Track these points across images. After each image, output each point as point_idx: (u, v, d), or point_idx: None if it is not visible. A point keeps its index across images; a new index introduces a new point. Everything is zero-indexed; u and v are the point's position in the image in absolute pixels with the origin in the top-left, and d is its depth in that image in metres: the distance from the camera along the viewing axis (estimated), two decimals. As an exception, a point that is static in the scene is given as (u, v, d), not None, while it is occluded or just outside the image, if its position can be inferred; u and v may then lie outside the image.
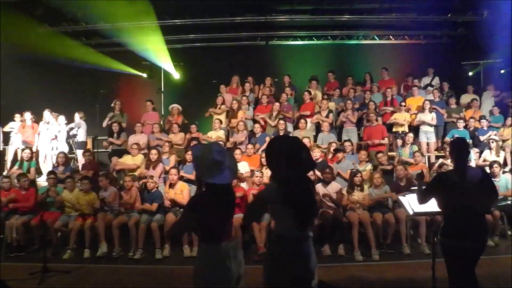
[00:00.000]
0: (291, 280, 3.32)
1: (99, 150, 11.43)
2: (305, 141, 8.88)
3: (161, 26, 12.76)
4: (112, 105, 10.95)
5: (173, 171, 7.83)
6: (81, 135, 10.90)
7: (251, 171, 8.38)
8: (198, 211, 3.37)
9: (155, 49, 12.87)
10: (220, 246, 3.37)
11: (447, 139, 9.97)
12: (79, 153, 10.72)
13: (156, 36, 12.69)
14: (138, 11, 12.24)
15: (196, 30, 13.49)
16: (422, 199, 4.34)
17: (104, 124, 10.70)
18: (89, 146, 11.24)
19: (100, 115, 11.41)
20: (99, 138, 11.53)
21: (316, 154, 8.52)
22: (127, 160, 9.04)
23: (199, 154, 3.42)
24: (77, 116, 10.83)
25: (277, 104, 10.52)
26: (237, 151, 8.69)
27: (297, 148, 3.39)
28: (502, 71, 12.58)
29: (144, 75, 13.27)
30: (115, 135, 10.05)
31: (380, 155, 8.94)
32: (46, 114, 10.76)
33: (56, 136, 10.71)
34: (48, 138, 10.66)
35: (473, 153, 9.26)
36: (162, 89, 13.02)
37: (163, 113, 11.94)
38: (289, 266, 3.32)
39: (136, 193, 7.75)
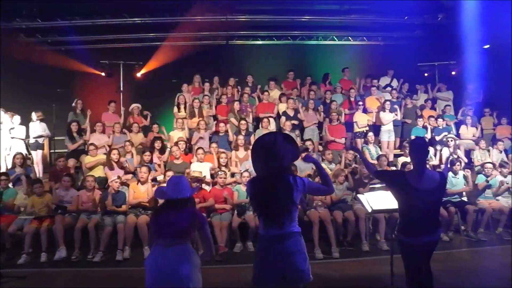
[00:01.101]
0: (275, 279, 3.34)
1: (56, 150, 11.12)
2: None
3: (120, 25, 12.56)
4: (73, 104, 10.66)
5: (144, 169, 7.73)
6: (37, 135, 10.54)
7: (216, 170, 8.35)
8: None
9: (114, 47, 12.66)
10: (156, 249, 3.48)
11: (412, 137, 10.26)
12: (34, 154, 10.38)
13: (115, 34, 12.51)
14: (97, 8, 12.07)
15: (156, 29, 13.33)
16: (374, 173, 4.48)
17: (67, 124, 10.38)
18: (46, 146, 10.92)
19: (57, 114, 11.09)
20: (56, 138, 11.22)
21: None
22: (89, 159, 8.85)
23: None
24: (34, 116, 10.46)
25: (236, 104, 10.51)
26: (200, 151, 8.64)
27: (267, 145, 3.41)
28: (453, 73, 13.01)
29: (103, 74, 13.02)
30: (75, 135, 9.81)
31: (344, 153, 9.08)
32: (1, 113, 10.37)
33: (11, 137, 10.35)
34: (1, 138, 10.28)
35: (431, 151, 9.54)
36: (121, 88, 12.80)
37: (122, 113, 11.74)
38: (273, 265, 3.33)
39: (99, 194, 7.59)
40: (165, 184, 4.26)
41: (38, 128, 10.38)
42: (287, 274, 3.35)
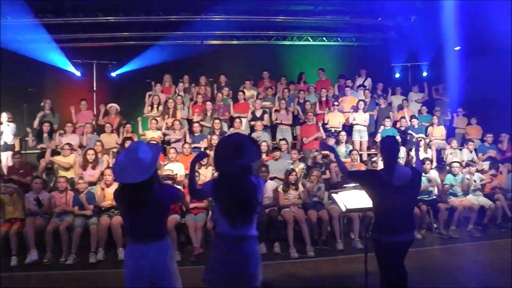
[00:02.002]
0: (224, 280, 3.32)
1: (27, 151, 10.87)
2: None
3: (94, 23, 12.38)
4: (42, 104, 10.47)
5: (108, 171, 7.57)
6: (7, 136, 10.31)
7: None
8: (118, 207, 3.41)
9: (87, 46, 12.46)
10: (132, 247, 3.35)
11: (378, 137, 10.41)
12: (3, 155, 10.13)
13: (88, 33, 12.32)
14: (69, 6, 11.87)
15: (130, 28, 13.19)
16: (347, 175, 4.46)
17: (35, 124, 10.21)
18: (17, 147, 10.67)
19: (28, 115, 10.85)
20: (27, 139, 10.96)
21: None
22: (61, 159, 8.68)
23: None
24: (4, 116, 10.20)
25: (209, 103, 10.46)
26: (172, 151, 8.57)
27: (232, 145, 3.40)
28: (424, 74, 13.23)
29: (76, 73, 12.79)
30: (46, 135, 9.62)
31: (316, 153, 9.11)
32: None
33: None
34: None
35: (402, 151, 9.67)
36: (95, 88, 12.61)
37: (95, 113, 11.57)
38: (223, 266, 3.31)
39: (71, 195, 7.42)
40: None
41: (7, 130, 10.14)
42: (237, 277, 3.33)
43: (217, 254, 3.38)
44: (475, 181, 8.62)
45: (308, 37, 14.55)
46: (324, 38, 14.64)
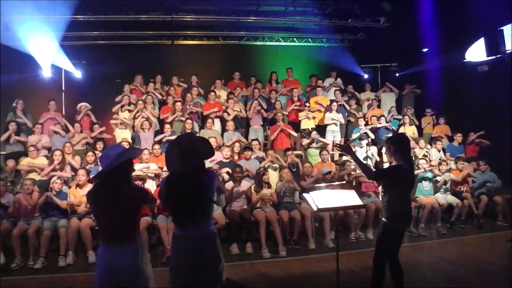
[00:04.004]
0: (190, 281, 3.31)
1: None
2: (212, 140, 8.92)
3: (62, 22, 12.13)
4: (14, 104, 10.20)
5: (81, 171, 7.43)
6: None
7: (160, 169, 8.21)
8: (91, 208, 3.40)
9: (54, 46, 12.18)
10: (104, 248, 3.32)
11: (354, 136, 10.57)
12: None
13: (54, 32, 12.05)
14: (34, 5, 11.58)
15: (99, 27, 12.98)
16: (375, 176, 4.83)
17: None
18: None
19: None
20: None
21: (226, 153, 8.64)
22: (29, 162, 8.41)
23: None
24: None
25: (178, 104, 10.39)
26: (146, 151, 8.49)
27: (183, 145, 3.39)
28: (397, 74, 13.46)
29: (44, 73, 12.47)
30: (12, 135, 9.36)
31: (289, 152, 9.16)
32: None
33: None
34: None
35: (374, 150, 9.80)
36: (63, 88, 12.35)
37: (64, 113, 11.34)
38: (184, 267, 3.31)
39: (38, 197, 7.18)
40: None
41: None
42: (202, 276, 3.34)
43: (180, 255, 3.37)
44: (445, 181, 8.84)
45: (279, 38, 14.62)
46: (295, 39, 14.74)
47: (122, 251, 3.26)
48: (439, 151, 10.32)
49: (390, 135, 9.96)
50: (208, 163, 7.99)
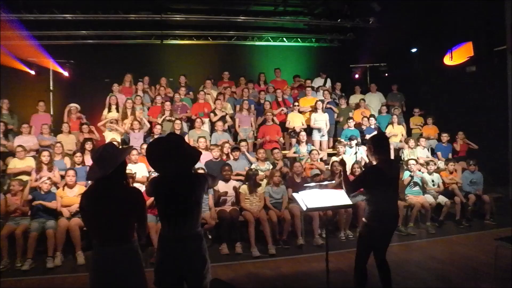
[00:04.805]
0: (175, 281, 3.32)
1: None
2: (201, 141, 8.99)
3: (50, 21, 12.03)
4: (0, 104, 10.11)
5: (71, 172, 7.35)
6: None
7: (149, 172, 8.17)
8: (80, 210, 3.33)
9: (43, 44, 12.07)
10: (100, 250, 3.28)
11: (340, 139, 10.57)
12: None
13: (43, 31, 11.95)
14: (24, 2, 11.50)
15: (88, 26, 12.90)
16: (352, 190, 4.67)
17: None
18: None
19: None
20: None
21: (215, 153, 8.63)
22: (16, 164, 8.27)
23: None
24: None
25: (167, 104, 10.36)
26: (134, 152, 8.43)
27: (165, 147, 3.37)
28: (386, 74, 13.53)
29: (32, 72, 12.36)
30: (1, 136, 9.26)
31: (276, 151, 9.15)
32: None
33: None
34: None
35: (363, 150, 9.83)
36: (52, 88, 12.23)
37: (52, 113, 11.24)
38: (172, 267, 3.30)
39: (26, 198, 7.10)
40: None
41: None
42: (186, 276, 3.34)
43: (165, 256, 3.36)
44: (433, 181, 8.89)
45: (269, 38, 14.63)
46: (284, 39, 14.75)
47: (118, 252, 3.23)
48: (424, 148, 10.40)
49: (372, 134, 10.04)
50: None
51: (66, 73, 12.31)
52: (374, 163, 4.57)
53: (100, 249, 3.28)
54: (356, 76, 13.91)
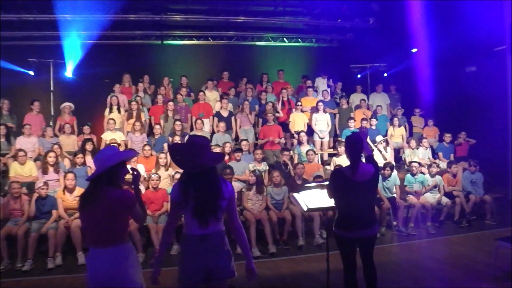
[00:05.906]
0: (199, 277, 3.32)
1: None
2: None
3: (49, 21, 12.03)
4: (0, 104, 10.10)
5: (70, 175, 7.27)
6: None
7: (148, 174, 8.16)
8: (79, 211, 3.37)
9: (43, 45, 12.07)
10: (91, 251, 3.30)
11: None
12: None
13: (43, 31, 11.95)
14: (24, 3, 11.50)
15: (89, 27, 12.88)
16: (329, 194, 4.49)
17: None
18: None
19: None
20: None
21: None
22: (17, 170, 8.12)
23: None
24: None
25: (170, 104, 10.37)
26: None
27: (193, 145, 3.39)
28: (385, 74, 13.53)
29: (31, 73, 12.35)
30: (3, 139, 9.19)
31: (285, 153, 9.17)
32: None
33: None
34: None
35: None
36: (52, 88, 12.22)
37: (52, 114, 11.24)
38: (196, 264, 3.30)
39: (26, 200, 7.08)
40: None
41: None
42: (211, 272, 3.34)
43: (189, 254, 3.34)
44: (434, 185, 8.90)
45: (269, 38, 14.62)
46: (284, 39, 14.74)
47: (105, 254, 3.24)
48: (426, 148, 10.40)
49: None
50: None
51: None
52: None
53: (92, 250, 3.31)
54: (358, 76, 13.91)
